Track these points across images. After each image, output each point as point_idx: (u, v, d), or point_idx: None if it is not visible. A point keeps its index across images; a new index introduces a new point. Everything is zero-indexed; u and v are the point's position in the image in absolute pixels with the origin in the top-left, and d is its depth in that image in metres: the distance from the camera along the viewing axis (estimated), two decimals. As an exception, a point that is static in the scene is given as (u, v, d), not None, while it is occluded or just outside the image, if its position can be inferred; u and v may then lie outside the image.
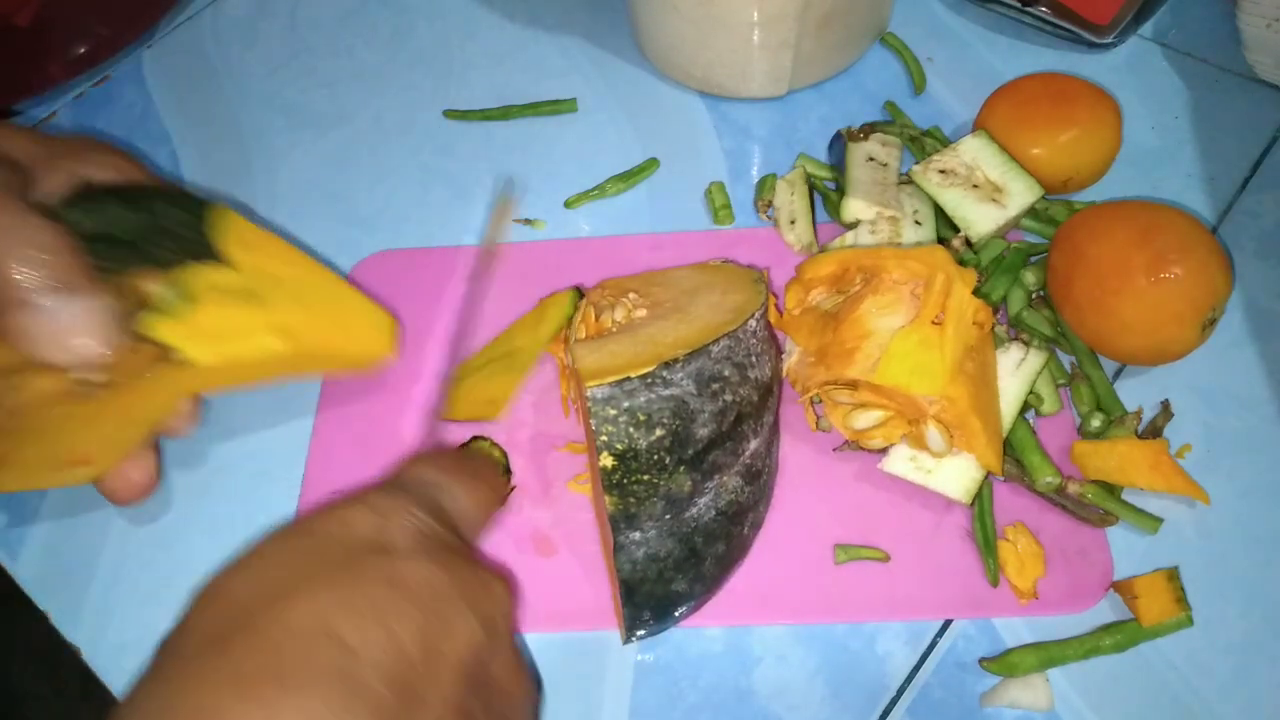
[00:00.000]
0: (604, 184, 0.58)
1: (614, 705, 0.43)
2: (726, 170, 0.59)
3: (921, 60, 0.62)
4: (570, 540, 0.46)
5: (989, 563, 0.43)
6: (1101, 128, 0.52)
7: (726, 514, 0.41)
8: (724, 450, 0.40)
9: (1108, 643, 0.42)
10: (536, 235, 0.57)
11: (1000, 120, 0.53)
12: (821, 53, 0.59)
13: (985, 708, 0.42)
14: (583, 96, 0.63)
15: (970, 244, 0.51)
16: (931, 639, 0.43)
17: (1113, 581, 0.43)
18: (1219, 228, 0.54)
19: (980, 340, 0.44)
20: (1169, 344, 0.45)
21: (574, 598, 0.44)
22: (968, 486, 0.44)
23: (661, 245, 0.55)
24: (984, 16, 0.65)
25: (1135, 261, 0.44)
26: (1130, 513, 0.44)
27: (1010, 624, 0.43)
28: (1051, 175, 0.52)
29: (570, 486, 0.47)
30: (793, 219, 0.54)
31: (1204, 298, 0.44)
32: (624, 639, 0.42)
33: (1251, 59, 0.59)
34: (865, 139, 0.55)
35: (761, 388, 0.42)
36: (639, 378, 0.38)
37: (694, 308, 0.44)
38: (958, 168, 0.52)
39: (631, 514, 0.39)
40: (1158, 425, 0.47)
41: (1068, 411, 0.48)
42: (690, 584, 0.41)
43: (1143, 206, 0.47)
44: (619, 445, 0.38)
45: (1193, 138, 0.58)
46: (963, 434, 0.43)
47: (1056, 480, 0.44)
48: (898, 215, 0.51)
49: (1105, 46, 0.62)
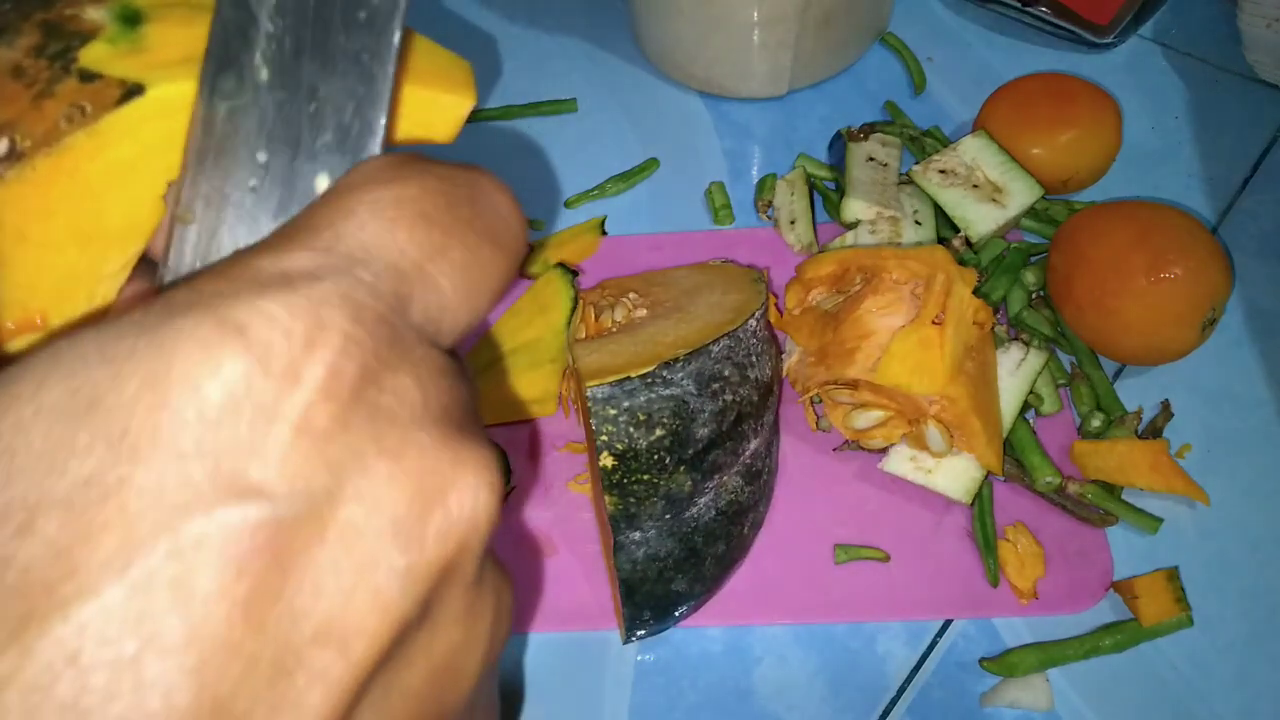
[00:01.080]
0: (604, 184, 0.58)
1: (614, 705, 0.43)
2: (726, 170, 0.59)
3: (921, 60, 0.62)
4: (570, 540, 0.46)
5: (989, 563, 0.43)
6: (1101, 128, 0.52)
7: (727, 514, 0.41)
8: (724, 450, 0.40)
9: (1108, 643, 0.42)
10: (536, 235, 0.57)
11: (1000, 120, 0.53)
12: (821, 53, 0.59)
13: (985, 708, 0.42)
14: (583, 96, 0.63)
15: (970, 244, 0.51)
16: (931, 639, 0.43)
17: (1113, 581, 0.43)
18: (1219, 228, 0.54)
19: (980, 340, 0.44)
20: (1169, 344, 0.45)
21: (574, 598, 0.44)
22: (968, 486, 0.44)
23: (661, 245, 0.55)
24: (984, 16, 0.65)
25: (1135, 261, 0.44)
26: (1130, 513, 0.44)
27: (1010, 624, 0.43)
28: (1051, 175, 0.52)
29: (570, 486, 0.47)
30: (793, 219, 0.54)
31: (1204, 298, 0.44)
32: (624, 639, 0.42)
33: (1251, 59, 0.59)
34: (865, 139, 0.55)
35: (761, 388, 0.42)
36: (639, 377, 0.38)
37: (694, 308, 0.44)
38: (958, 168, 0.52)
39: (631, 514, 0.39)
40: (1158, 425, 0.47)
41: (1068, 411, 0.48)
42: (690, 584, 0.41)
43: (1143, 206, 0.47)
44: (619, 445, 0.38)
45: (1193, 138, 0.58)
46: (963, 434, 0.43)
47: (1056, 480, 0.44)
48: (898, 215, 0.51)
49: (1105, 46, 0.62)
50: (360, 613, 0.14)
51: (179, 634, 0.13)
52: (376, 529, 0.15)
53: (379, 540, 0.15)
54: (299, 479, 0.14)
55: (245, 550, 0.13)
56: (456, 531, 0.15)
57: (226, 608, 0.13)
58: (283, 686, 0.14)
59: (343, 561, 0.14)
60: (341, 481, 0.14)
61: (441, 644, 0.16)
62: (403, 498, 0.15)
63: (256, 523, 0.14)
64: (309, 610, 0.14)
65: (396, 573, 0.15)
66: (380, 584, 0.15)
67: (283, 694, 0.14)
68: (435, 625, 0.16)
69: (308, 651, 0.14)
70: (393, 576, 0.15)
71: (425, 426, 0.15)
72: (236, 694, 0.14)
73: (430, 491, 0.15)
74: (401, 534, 0.15)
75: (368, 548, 0.14)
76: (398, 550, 0.15)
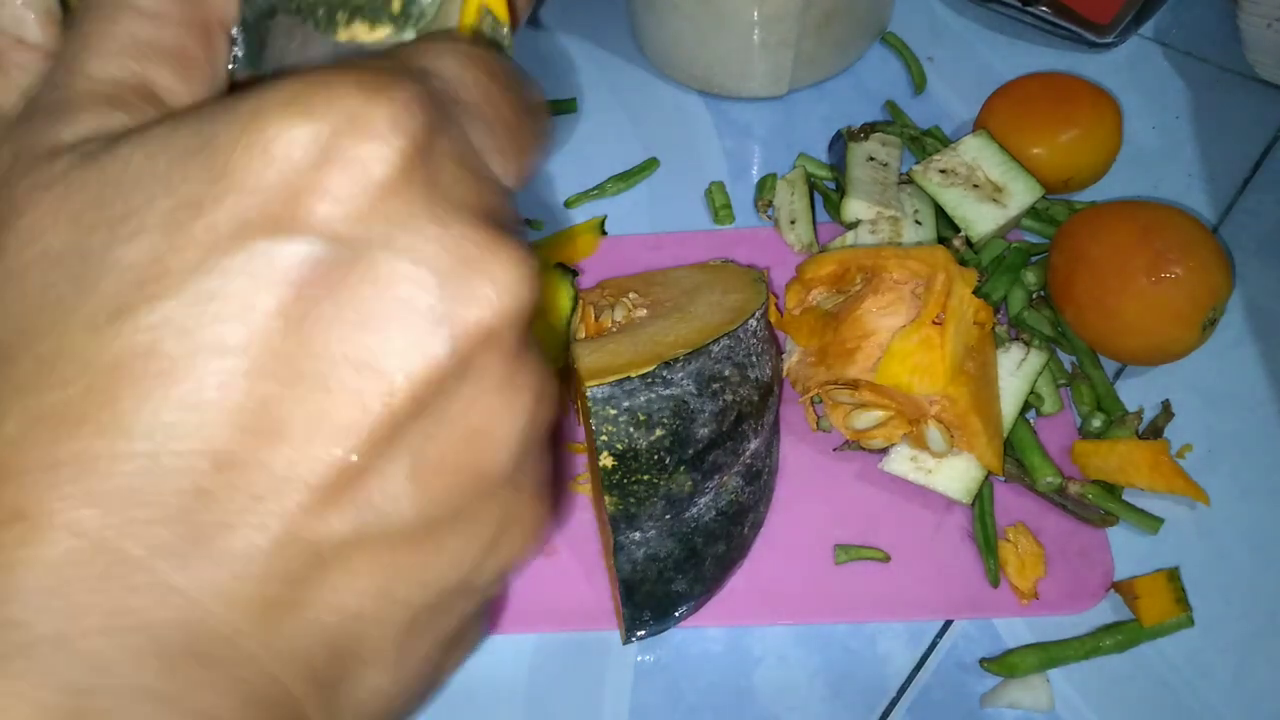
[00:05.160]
0: (604, 184, 0.58)
1: (614, 705, 0.43)
2: (726, 170, 0.59)
3: (922, 60, 0.62)
4: (570, 540, 0.46)
5: (989, 563, 0.43)
6: (1102, 128, 0.52)
7: (727, 514, 0.41)
8: (724, 450, 0.40)
9: (1108, 643, 0.42)
10: (535, 235, 0.57)
11: (1001, 120, 0.53)
12: (822, 52, 0.59)
13: (986, 708, 0.42)
14: (583, 96, 0.63)
15: (971, 244, 0.51)
16: (932, 639, 0.43)
17: (1113, 582, 0.43)
18: (1219, 228, 0.54)
19: (981, 340, 0.44)
20: (1169, 344, 0.45)
21: (574, 598, 0.44)
22: (968, 486, 0.44)
23: (661, 245, 0.55)
24: (984, 16, 0.65)
25: (1136, 261, 0.44)
26: (1131, 513, 0.44)
27: (1011, 624, 0.43)
28: (1052, 175, 0.52)
29: (570, 486, 0.47)
30: (793, 219, 0.54)
31: (1204, 298, 0.44)
32: (624, 639, 0.42)
33: (1252, 58, 0.59)
34: (865, 139, 0.55)
35: (762, 388, 0.42)
36: (639, 378, 0.38)
37: (694, 307, 0.44)
38: (958, 167, 0.52)
39: (631, 514, 0.39)
40: (1158, 425, 0.47)
41: (1068, 411, 0.48)
42: (690, 584, 0.41)
43: (1143, 206, 0.47)
44: (619, 445, 0.38)
45: (1193, 138, 0.58)
46: (963, 434, 0.43)
47: (1057, 480, 0.44)
48: (898, 215, 0.51)
49: (1106, 46, 0.62)
50: (400, 351, 0.16)
51: (240, 337, 0.15)
52: (423, 281, 0.16)
53: (425, 291, 0.16)
54: (359, 224, 0.16)
55: (304, 276, 0.15)
56: (497, 300, 0.17)
57: (281, 323, 0.15)
58: (321, 402, 0.16)
59: (388, 304, 0.16)
60: (395, 233, 0.16)
61: (481, 407, 0.17)
62: (448, 259, 0.16)
63: (318, 255, 0.15)
64: (354, 340, 0.16)
65: (437, 321, 0.16)
66: (420, 329, 0.16)
67: (320, 408, 0.16)
68: (474, 387, 0.17)
69: (348, 375, 0.16)
70: (433, 324, 0.16)
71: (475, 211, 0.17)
72: (280, 399, 0.15)
73: (474, 260, 0.16)
74: (446, 290, 0.16)
75: (414, 295, 0.16)
76: (441, 303, 0.16)
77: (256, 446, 0.15)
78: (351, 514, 0.16)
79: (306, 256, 0.15)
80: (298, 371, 0.15)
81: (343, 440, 0.16)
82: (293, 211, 0.15)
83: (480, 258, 0.17)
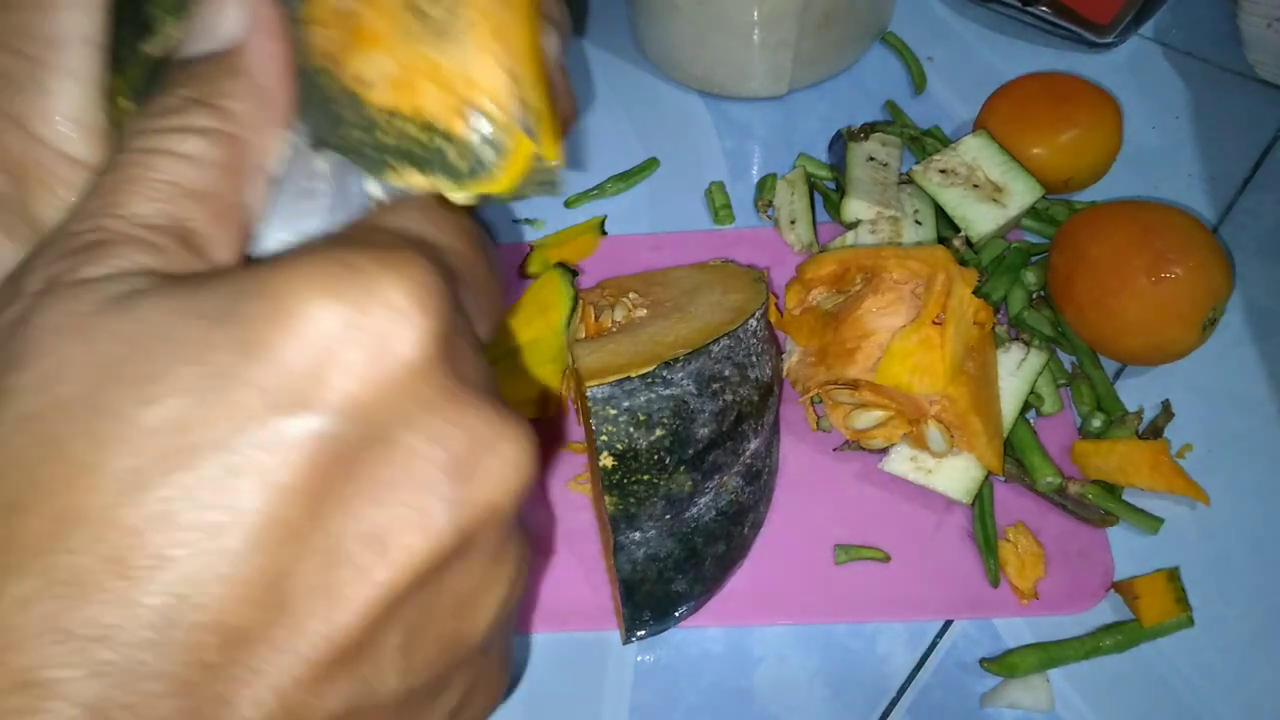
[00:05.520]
0: (604, 184, 0.58)
1: (614, 705, 0.43)
2: (726, 170, 0.59)
3: (922, 60, 0.62)
4: (570, 540, 0.46)
5: (989, 563, 0.43)
6: (1102, 128, 0.52)
7: (727, 514, 0.41)
8: (724, 450, 0.40)
9: (1108, 643, 0.42)
10: (535, 235, 0.57)
11: (1000, 120, 0.53)
12: (822, 52, 0.59)
13: (986, 708, 0.42)
14: (582, 96, 0.63)
15: (971, 244, 0.51)
16: (932, 639, 0.43)
17: (1113, 582, 0.43)
18: (1219, 228, 0.54)
19: (981, 340, 0.44)
20: (1169, 344, 0.45)
21: (574, 598, 0.44)
22: (968, 486, 0.44)
23: (661, 245, 0.55)
24: (984, 16, 0.65)
25: (1136, 261, 0.44)
26: (1131, 513, 0.44)
27: (1011, 624, 0.43)
28: (1052, 175, 0.52)
29: (570, 486, 0.47)
30: (793, 219, 0.54)
31: (1204, 298, 0.44)
32: (624, 639, 0.42)
33: (1252, 58, 0.59)
34: (865, 139, 0.55)
35: (762, 388, 0.42)
36: (639, 377, 0.38)
37: (694, 307, 0.44)
38: (958, 167, 0.52)
39: (631, 514, 0.39)
40: (1158, 425, 0.47)
41: (1068, 411, 0.48)
42: (690, 584, 0.41)
43: (1143, 206, 0.47)
44: (619, 445, 0.38)
45: (1193, 138, 0.58)
46: (963, 434, 0.43)
47: (1057, 480, 0.44)
48: (898, 215, 0.51)
49: (1106, 46, 0.62)
50: (409, 528, 0.16)
51: (257, 513, 0.15)
52: (436, 460, 0.17)
53: (436, 471, 0.17)
54: (381, 402, 0.16)
55: (325, 453, 0.16)
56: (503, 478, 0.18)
57: (299, 499, 0.16)
58: (330, 576, 0.16)
59: (401, 482, 0.16)
60: (415, 412, 0.17)
61: (472, 579, 0.18)
62: (462, 441, 0.17)
63: (339, 432, 0.16)
64: (364, 516, 0.16)
65: (447, 501, 0.17)
66: (431, 508, 0.17)
67: (329, 582, 0.16)
68: (470, 560, 0.18)
69: (357, 551, 0.16)
70: (443, 504, 0.17)
71: (484, 393, 0.18)
72: (291, 572, 0.16)
73: (485, 439, 0.17)
74: (457, 470, 0.17)
75: (425, 475, 0.17)
76: (450, 483, 0.17)
77: (262, 620, 0.16)
78: (344, 688, 0.16)
79: (328, 434, 0.16)
80: (310, 547, 0.16)
81: (345, 614, 0.16)
82: (317, 389, 0.16)
83: (490, 436, 0.17)
